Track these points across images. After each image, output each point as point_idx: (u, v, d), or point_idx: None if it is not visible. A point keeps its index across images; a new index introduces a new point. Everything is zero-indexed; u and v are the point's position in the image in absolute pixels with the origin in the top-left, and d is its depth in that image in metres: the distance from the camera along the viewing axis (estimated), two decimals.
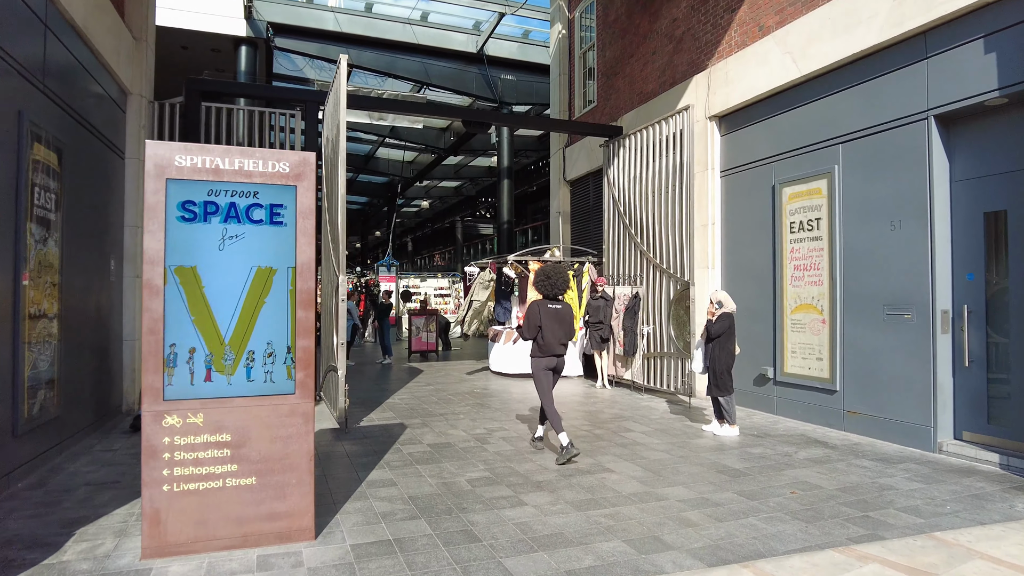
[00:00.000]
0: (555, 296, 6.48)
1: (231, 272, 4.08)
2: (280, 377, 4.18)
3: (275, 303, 4.19)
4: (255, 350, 4.13)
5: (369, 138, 24.19)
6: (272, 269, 4.17)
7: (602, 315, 10.47)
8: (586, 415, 8.41)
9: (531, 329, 6.37)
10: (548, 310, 6.36)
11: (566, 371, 11.42)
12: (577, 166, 13.59)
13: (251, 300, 4.13)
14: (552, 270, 6.50)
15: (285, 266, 4.20)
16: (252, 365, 4.10)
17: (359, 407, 8.98)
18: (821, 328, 7.82)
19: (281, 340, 4.17)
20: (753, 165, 8.99)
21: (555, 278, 6.44)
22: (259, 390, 4.12)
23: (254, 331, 4.12)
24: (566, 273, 6.64)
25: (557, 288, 6.46)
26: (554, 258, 11.90)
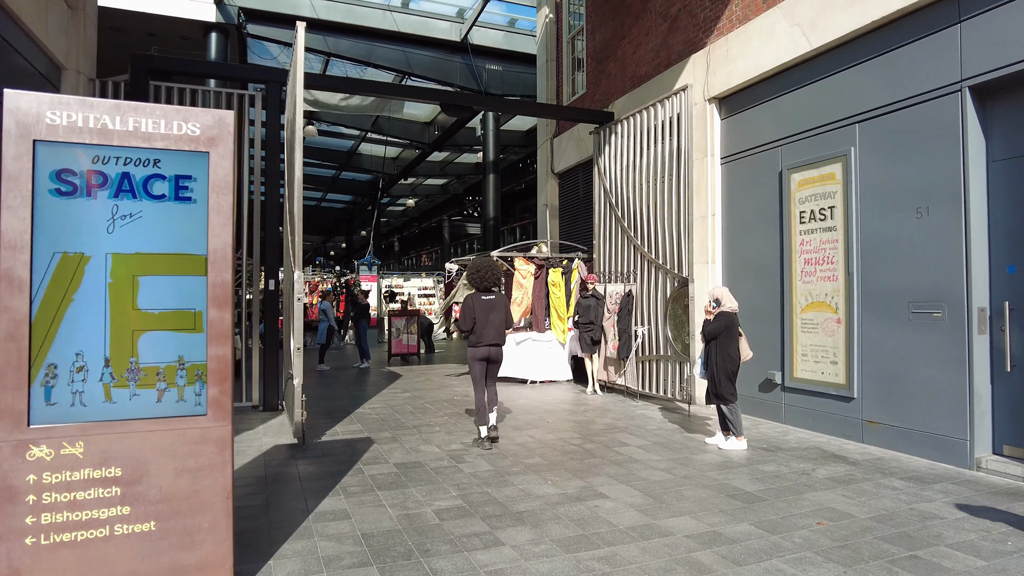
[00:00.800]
0: (487, 288, 6.63)
1: None
2: (191, 395, 3.30)
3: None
4: (154, 361, 3.24)
5: (351, 133, 23.24)
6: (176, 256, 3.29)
7: (592, 315, 9.63)
8: (576, 426, 7.55)
9: (466, 321, 6.52)
10: (481, 301, 6.52)
11: (555, 376, 10.60)
12: (565, 157, 12.74)
13: None
14: (482, 263, 6.66)
15: (195, 253, 3.32)
16: (150, 380, 3.21)
17: (324, 418, 8.07)
18: (836, 328, 7.01)
19: (194, 348, 3.29)
20: (757, 150, 8.17)
21: (485, 270, 6.61)
22: (161, 411, 3.23)
23: (155, 337, 3.24)
24: (496, 265, 6.79)
25: (488, 280, 6.61)
26: (541, 254, 11.05)
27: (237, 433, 7.21)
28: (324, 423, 7.77)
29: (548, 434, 7.09)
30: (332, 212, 37.86)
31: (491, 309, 6.50)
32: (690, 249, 8.40)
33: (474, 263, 6.77)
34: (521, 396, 9.59)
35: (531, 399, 9.36)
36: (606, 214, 10.20)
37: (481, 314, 6.46)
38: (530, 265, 10.57)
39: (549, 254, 11.07)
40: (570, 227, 12.75)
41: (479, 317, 6.45)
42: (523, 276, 10.52)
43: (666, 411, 8.45)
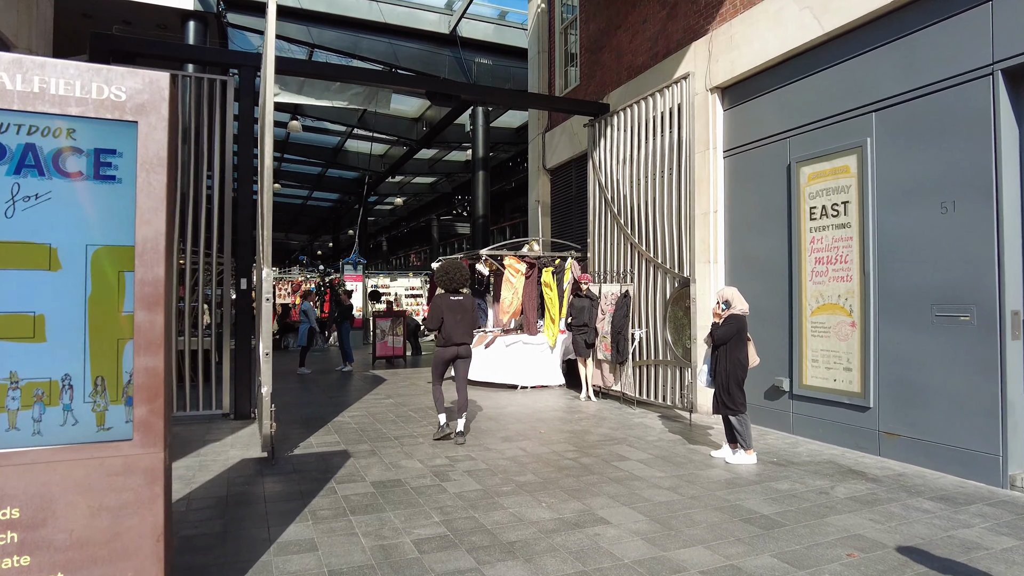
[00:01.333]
0: (455, 289, 6.79)
1: None
2: (117, 418, 2.71)
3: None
4: (71, 374, 2.64)
5: (337, 129, 22.57)
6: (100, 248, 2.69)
7: (587, 317, 9.07)
8: (571, 436, 6.98)
9: (434, 320, 6.69)
10: (449, 302, 6.69)
11: (546, 381, 10.05)
12: (558, 152, 12.19)
13: None
14: (450, 265, 6.89)
15: (117, 244, 2.73)
16: (59, 399, 2.62)
17: (299, 428, 7.46)
18: (850, 332, 6.49)
19: (107, 360, 2.69)
20: (763, 142, 7.65)
21: (452, 272, 6.81)
22: (71, 436, 2.63)
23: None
24: (464, 267, 6.96)
25: (455, 282, 6.79)
26: (532, 252, 10.48)
27: (202, 445, 6.60)
28: (298, 433, 7.16)
29: (541, 446, 6.53)
30: (319, 211, 37.12)
31: (459, 310, 6.69)
32: (691, 247, 7.87)
33: (442, 265, 7.04)
34: (511, 403, 9.02)
35: (522, 406, 8.79)
36: (601, 210, 9.65)
37: (449, 314, 6.64)
38: (521, 264, 10.01)
39: (541, 253, 10.51)
40: (562, 225, 12.20)
41: (447, 317, 6.63)
42: (513, 275, 9.96)
43: (666, 420, 7.90)
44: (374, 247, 48.07)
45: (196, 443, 6.67)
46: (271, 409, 5.83)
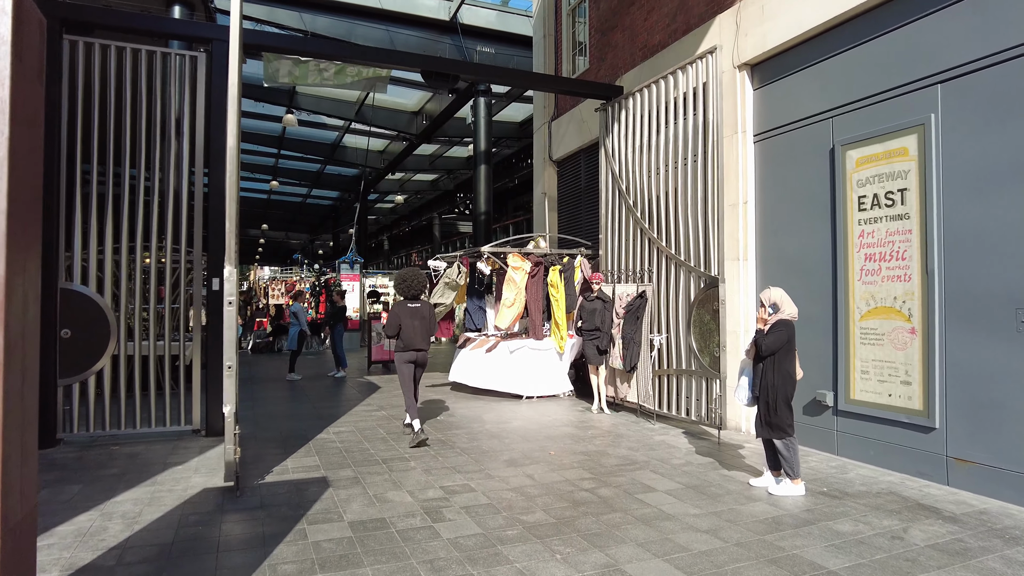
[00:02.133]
0: (413, 296, 6.91)
1: None
2: None
3: None
4: None
5: (335, 123, 21.68)
6: None
7: (599, 320, 8.15)
8: (585, 459, 6.06)
9: (392, 328, 6.78)
10: (407, 309, 6.80)
11: (554, 390, 9.15)
12: (565, 142, 11.26)
13: None
14: (407, 273, 6.99)
15: None
16: None
17: (276, 447, 6.55)
18: (909, 340, 5.57)
19: None
20: (801, 124, 6.73)
21: (410, 280, 6.93)
22: None
23: None
24: (421, 274, 7.08)
25: (413, 289, 6.91)
26: (539, 249, 9.56)
27: (162, 469, 5.70)
28: (274, 454, 6.25)
29: (552, 472, 5.61)
30: (318, 209, 36.27)
31: (416, 316, 6.79)
32: (720, 244, 6.94)
33: (400, 273, 7.09)
34: (516, 416, 8.10)
35: (528, 420, 7.87)
36: (615, 203, 8.72)
37: (407, 320, 6.72)
38: (525, 262, 9.08)
39: (548, 250, 9.58)
40: (570, 220, 11.27)
41: (404, 323, 6.72)
42: (517, 274, 9.04)
43: (691, 437, 6.98)
44: (375, 246, 47.24)
45: (155, 467, 5.77)
46: (235, 432, 4.93)
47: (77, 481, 5.30)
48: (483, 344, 9.42)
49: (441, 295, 9.53)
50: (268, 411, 8.55)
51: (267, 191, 31.37)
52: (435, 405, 8.88)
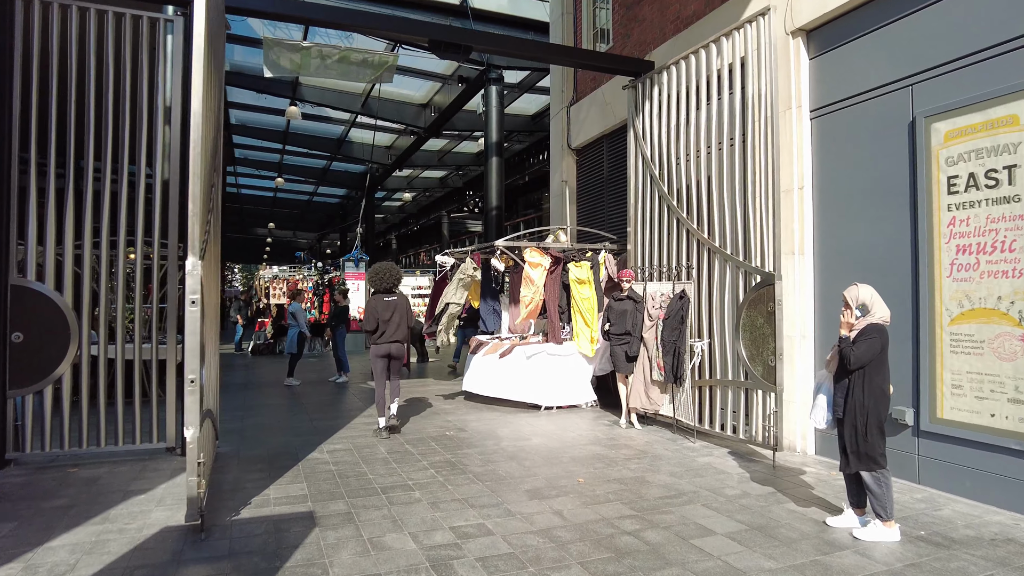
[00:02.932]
0: (387, 289, 6.86)
1: None
2: None
3: None
4: None
5: (340, 117, 20.78)
6: None
7: (629, 323, 7.16)
8: (623, 489, 5.07)
9: (370, 323, 6.77)
10: (383, 303, 6.78)
11: (576, 399, 8.19)
12: (586, 128, 10.27)
13: None
14: (381, 267, 6.96)
15: None
16: None
17: (261, 469, 5.60)
18: (1019, 349, 4.55)
19: None
20: (870, 95, 5.72)
21: (383, 273, 6.89)
22: None
23: None
24: (395, 268, 7.03)
25: (386, 282, 6.86)
26: (558, 243, 8.56)
27: (121, 498, 4.77)
28: (257, 479, 5.31)
29: (584, 507, 4.62)
30: (325, 207, 35.47)
31: (392, 310, 6.80)
32: (776, 234, 5.94)
33: (374, 267, 7.06)
34: (534, 431, 7.12)
35: (548, 436, 6.89)
36: (646, 191, 7.71)
37: (383, 314, 6.74)
38: (544, 257, 8.08)
39: (568, 244, 8.56)
40: (591, 213, 10.27)
41: (381, 317, 6.73)
42: (534, 271, 8.04)
43: (740, 460, 5.98)
44: (383, 245, 46.43)
45: (113, 496, 4.83)
46: (198, 462, 3.98)
47: (13, 516, 4.37)
48: (496, 348, 8.43)
49: (454, 293, 8.53)
50: (258, 422, 7.61)
51: (272, 188, 30.57)
52: (446, 418, 7.91)
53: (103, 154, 5.86)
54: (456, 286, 8.48)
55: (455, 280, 8.72)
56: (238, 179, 30.08)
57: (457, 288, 8.48)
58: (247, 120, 21.90)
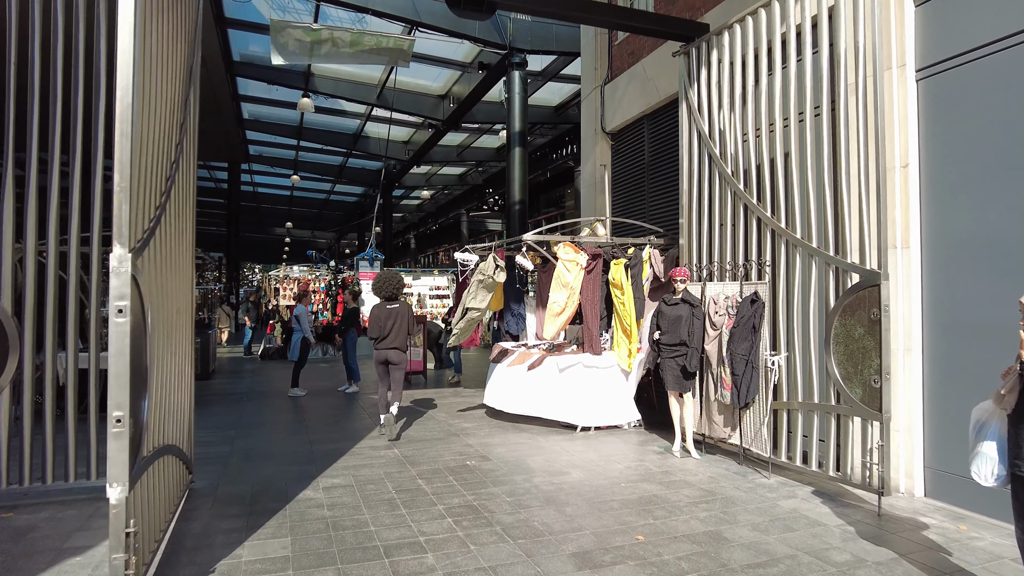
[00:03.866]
0: (389, 297, 6.84)
1: None
2: None
3: None
4: None
5: (355, 110, 19.77)
6: None
7: (684, 331, 5.92)
8: (696, 552, 3.85)
9: (375, 330, 6.78)
10: (385, 310, 6.80)
11: (617, 419, 6.99)
12: (623, 108, 9.05)
13: None
14: (384, 275, 6.93)
15: None
16: None
17: (236, 515, 4.46)
18: None
19: None
20: (999, 46, 4.45)
21: (385, 282, 6.87)
22: None
23: None
24: (398, 276, 6.94)
25: (387, 290, 6.83)
26: (596, 237, 7.35)
27: (55, 559, 3.67)
28: (229, 530, 4.18)
29: None
30: (343, 206, 34.57)
31: (394, 317, 6.74)
32: (880, 222, 4.68)
33: (378, 275, 7.04)
34: (572, 461, 5.91)
35: (590, 469, 5.68)
36: (704, 173, 6.47)
37: (386, 322, 6.71)
38: (579, 254, 6.88)
39: (608, 238, 7.34)
40: (629, 204, 9.04)
41: (384, 324, 6.71)
42: (569, 269, 6.85)
43: (831, 503, 4.74)
44: (402, 245, 45.53)
45: (41, 557, 3.73)
46: (126, 533, 2.85)
47: None
48: (524, 359, 7.24)
49: (474, 297, 7.34)
50: (249, 446, 6.51)
51: (289, 187, 29.71)
52: (465, 441, 6.75)
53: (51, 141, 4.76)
54: (476, 288, 7.28)
55: (474, 282, 7.53)
56: (254, 177, 29.30)
57: (477, 291, 7.28)
58: (260, 115, 20.99)
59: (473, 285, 7.36)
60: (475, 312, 7.28)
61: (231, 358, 15.08)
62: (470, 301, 7.23)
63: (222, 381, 11.15)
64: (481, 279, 7.22)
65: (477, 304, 7.24)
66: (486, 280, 7.19)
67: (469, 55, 15.61)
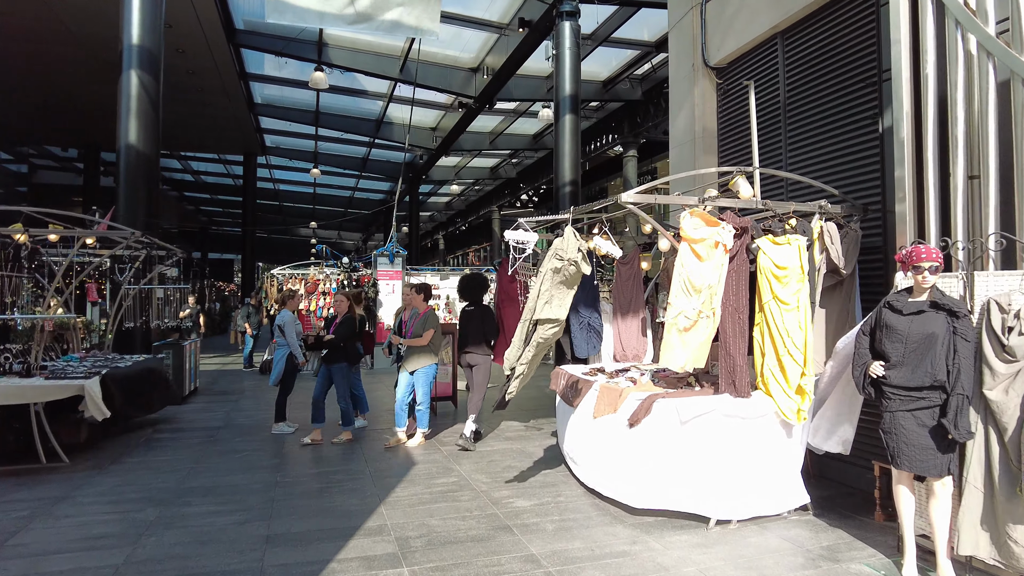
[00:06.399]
0: (470, 300, 6.74)
1: None
2: None
3: None
4: None
5: (376, 89, 17.18)
6: None
7: (942, 363, 3.04)
8: None
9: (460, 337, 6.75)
10: (463, 313, 6.73)
11: (773, 505, 3.99)
12: (738, 29, 6.15)
13: None
14: (464, 277, 6.92)
15: None
16: None
17: None
18: None
19: None
20: None
21: (465, 283, 6.85)
22: None
23: None
24: (479, 277, 6.79)
25: (467, 294, 6.77)
26: (743, 200, 4.35)
27: None
28: None
29: None
30: (369, 204, 32.16)
31: (469, 319, 6.57)
32: None
33: (461, 277, 7.01)
34: None
35: None
36: (957, 78, 3.57)
37: (463, 327, 6.62)
38: (721, 228, 3.94)
39: (756, 197, 4.35)
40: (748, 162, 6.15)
41: (461, 328, 6.64)
42: (701, 254, 3.96)
43: None
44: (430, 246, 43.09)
45: None
46: None
47: None
48: (612, 399, 4.37)
49: (548, 300, 4.24)
50: (158, 554, 3.77)
51: (311, 183, 27.36)
52: (521, 542, 3.94)
53: None
54: (549, 285, 4.20)
55: (545, 276, 4.46)
56: (273, 173, 27.00)
57: (552, 288, 4.20)
58: (273, 98, 18.53)
59: (543, 282, 4.32)
60: (551, 327, 4.22)
61: (226, 371, 12.51)
62: (541, 309, 4.18)
63: (197, 408, 8.53)
64: (557, 266, 4.18)
65: (554, 313, 4.17)
66: (565, 268, 4.19)
67: (507, 14, 12.84)
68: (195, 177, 27.94)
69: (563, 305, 4.11)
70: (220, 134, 19.88)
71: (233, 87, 16.03)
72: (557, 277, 4.16)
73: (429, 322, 6.29)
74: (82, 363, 6.58)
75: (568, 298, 4.16)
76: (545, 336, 4.09)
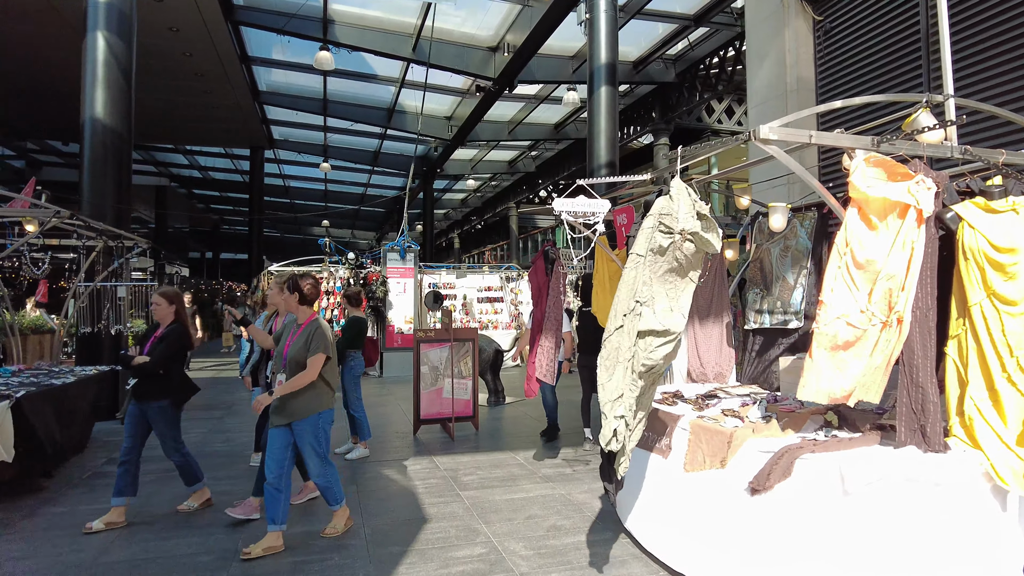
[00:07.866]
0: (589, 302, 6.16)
1: None
2: None
3: None
4: None
5: (387, 73, 15.79)
6: None
7: None
8: None
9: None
10: (581, 312, 6.26)
11: None
12: None
13: None
14: (587, 276, 6.03)
15: None
16: None
17: None
18: None
19: None
20: None
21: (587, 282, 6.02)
22: None
23: None
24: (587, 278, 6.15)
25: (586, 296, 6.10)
26: (931, 144, 2.84)
27: None
28: None
29: None
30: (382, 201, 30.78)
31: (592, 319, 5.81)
32: None
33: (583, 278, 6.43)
34: None
35: None
36: None
37: (582, 328, 6.13)
38: (909, 183, 2.44)
39: (952, 148, 2.85)
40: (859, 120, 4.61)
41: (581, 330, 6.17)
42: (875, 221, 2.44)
43: None
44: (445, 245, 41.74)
45: None
46: None
47: None
48: (716, 447, 2.87)
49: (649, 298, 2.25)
50: None
51: (322, 179, 26.08)
52: None
53: None
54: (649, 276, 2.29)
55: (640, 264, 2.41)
56: (283, 168, 25.75)
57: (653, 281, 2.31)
58: (278, 86, 17.21)
59: (637, 269, 2.49)
60: (660, 343, 2.33)
61: (220, 380, 11.16)
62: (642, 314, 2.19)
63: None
64: (664, 244, 2.28)
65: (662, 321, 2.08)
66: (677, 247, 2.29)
67: None
68: (203, 173, 26.77)
69: (677, 307, 2.41)
70: (225, 125, 18.58)
71: (235, 72, 14.69)
72: (663, 262, 2.49)
73: (315, 340, 3.69)
74: (13, 378, 5.21)
75: (685, 295, 2.46)
76: (653, 359, 2.41)
